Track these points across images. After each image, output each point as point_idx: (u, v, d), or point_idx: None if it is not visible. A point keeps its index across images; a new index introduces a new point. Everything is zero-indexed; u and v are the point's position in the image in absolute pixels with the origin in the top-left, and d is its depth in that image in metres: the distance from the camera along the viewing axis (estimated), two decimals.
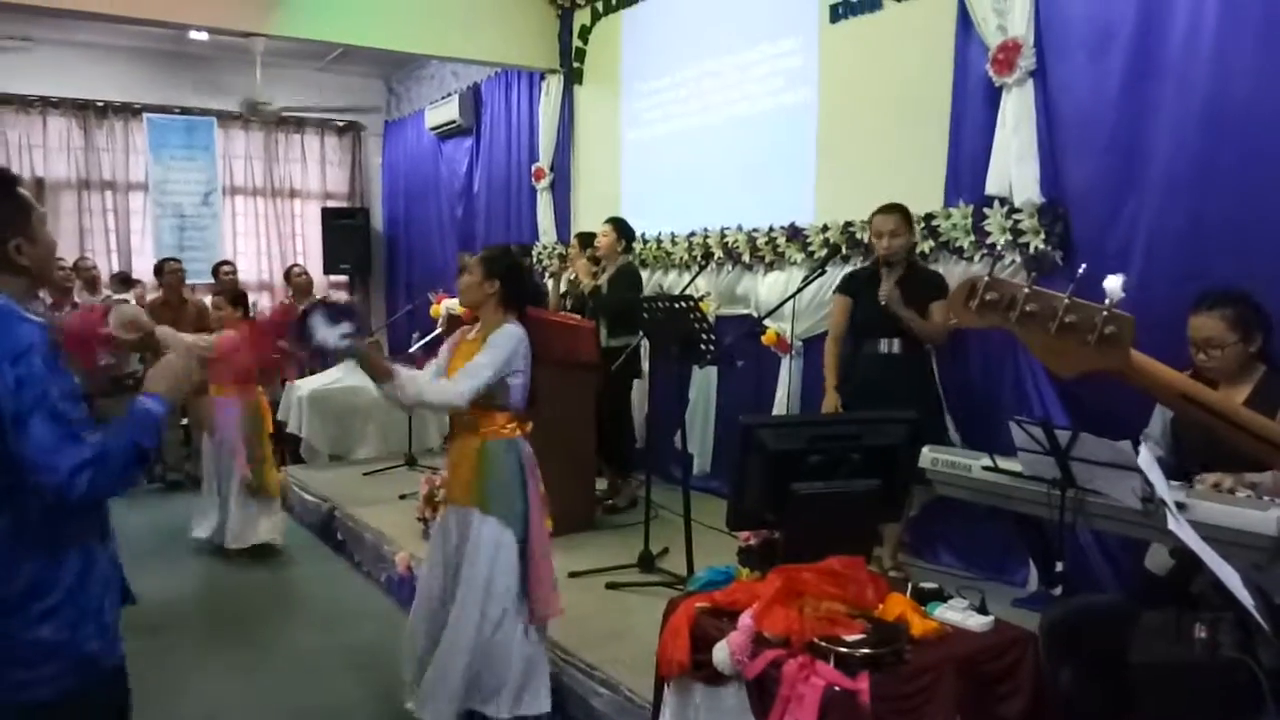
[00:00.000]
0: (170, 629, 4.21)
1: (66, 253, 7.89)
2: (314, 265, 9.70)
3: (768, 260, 5.40)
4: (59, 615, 1.77)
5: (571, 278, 5.66)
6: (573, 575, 4.18)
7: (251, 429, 5.40)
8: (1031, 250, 3.92)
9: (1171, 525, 1.95)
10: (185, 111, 9.65)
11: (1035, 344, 1.19)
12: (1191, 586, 2.32)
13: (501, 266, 3.14)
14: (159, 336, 2.37)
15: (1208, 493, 2.34)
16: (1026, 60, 3.95)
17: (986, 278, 1.21)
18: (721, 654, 2.24)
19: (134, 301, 7.49)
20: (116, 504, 1.95)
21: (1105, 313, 1.15)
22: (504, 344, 3.02)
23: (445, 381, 3.02)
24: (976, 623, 2.33)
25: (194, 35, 8.64)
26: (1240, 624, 2.02)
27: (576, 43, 7.27)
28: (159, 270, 7.53)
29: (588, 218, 7.05)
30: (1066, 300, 1.17)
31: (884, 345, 4.00)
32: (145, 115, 9.42)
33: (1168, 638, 2.14)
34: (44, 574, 1.77)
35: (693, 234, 5.98)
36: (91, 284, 7.56)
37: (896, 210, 4.01)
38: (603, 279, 5.39)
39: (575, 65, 7.31)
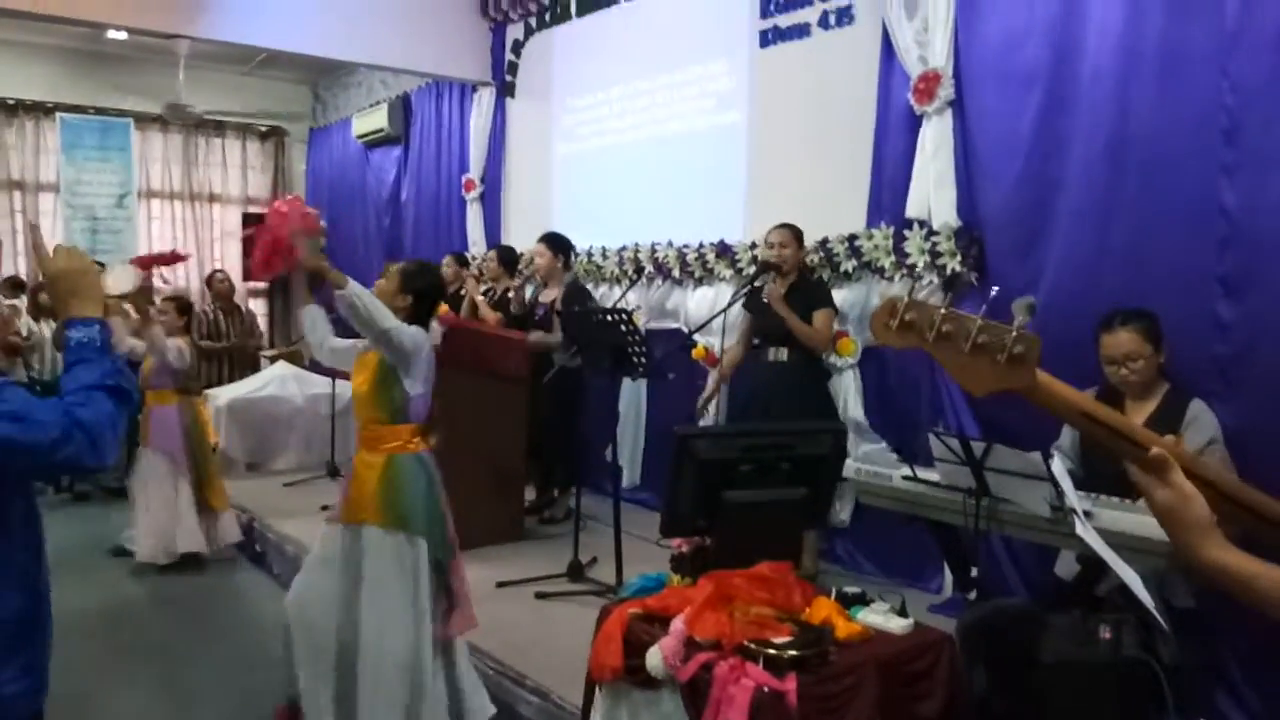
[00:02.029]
0: (83, 644, 4.08)
1: None
2: (234, 272, 9.47)
3: (697, 276, 5.50)
4: None
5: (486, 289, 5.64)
6: (501, 585, 4.19)
7: (195, 439, 5.30)
8: (948, 271, 4.09)
9: (1079, 531, 2.08)
10: (101, 112, 9.37)
11: (949, 363, 1.24)
12: (1097, 590, 2.46)
13: (419, 283, 3.13)
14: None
15: (1112, 501, 2.49)
16: (946, 91, 4.13)
17: (906, 299, 1.27)
18: (655, 658, 2.29)
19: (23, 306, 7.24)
20: None
21: (1014, 333, 1.21)
22: (415, 336, 3.01)
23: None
24: (898, 625, 2.43)
25: (111, 34, 8.40)
26: (1142, 625, 2.16)
27: (509, 56, 7.31)
28: None
29: (519, 230, 7.08)
30: (979, 321, 1.23)
31: (772, 354, 4.23)
32: (58, 114, 9.12)
33: (1075, 639, 2.27)
34: None
35: (624, 248, 6.05)
36: None
37: (787, 227, 4.31)
38: (552, 297, 5.33)
39: (508, 79, 7.34)
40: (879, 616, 2.45)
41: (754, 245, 5.12)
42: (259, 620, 4.62)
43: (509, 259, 5.99)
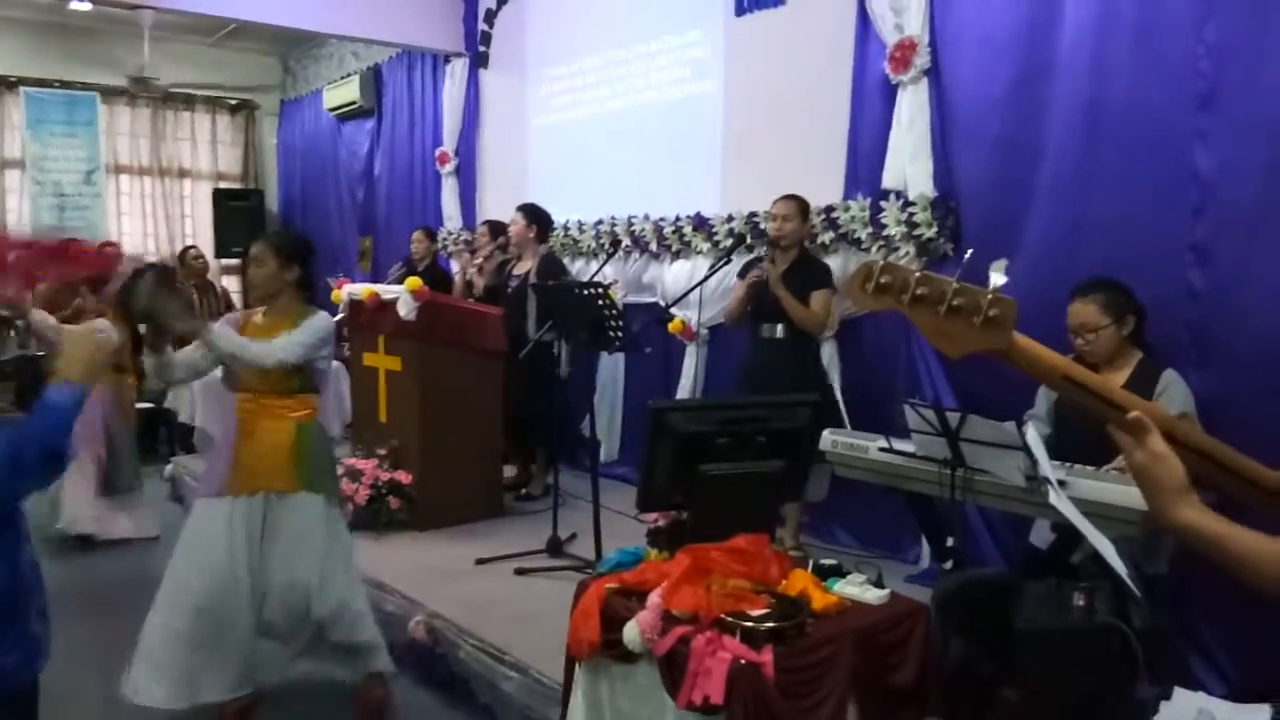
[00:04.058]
0: (75, 625, 4.02)
1: None
2: (205, 248, 9.33)
3: (674, 249, 5.47)
4: None
5: (477, 266, 5.61)
6: (480, 562, 4.18)
7: (117, 420, 5.22)
8: (924, 240, 4.08)
9: (1052, 500, 2.09)
10: (66, 86, 9.16)
11: (925, 325, 1.25)
12: (1071, 558, 2.48)
13: (298, 251, 3.14)
14: (35, 327, 2.10)
15: (1086, 470, 2.50)
16: (921, 59, 4.10)
17: (881, 262, 1.27)
18: (632, 632, 2.28)
19: None
20: None
21: (990, 296, 1.21)
22: (318, 331, 3.04)
23: (259, 344, 2.99)
24: (873, 596, 2.44)
25: (75, 6, 8.21)
26: (1115, 592, 2.18)
27: (482, 26, 7.20)
28: None
29: (494, 203, 7.01)
30: (955, 285, 1.23)
31: (767, 330, 4.18)
32: (22, 89, 8.91)
33: (1049, 606, 2.28)
34: None
35: (600, 222, 6.01)
36: None
37: (793, 199, 4.20)
38: (525, 269, 5.30)
39: (481, 49, 7.24)
40: (855, 588, 2.46)
41: (730, 218, 5.09)
42: None
43: (500, 233, 5.91)
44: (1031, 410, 3.05)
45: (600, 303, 4.00)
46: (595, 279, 4.76)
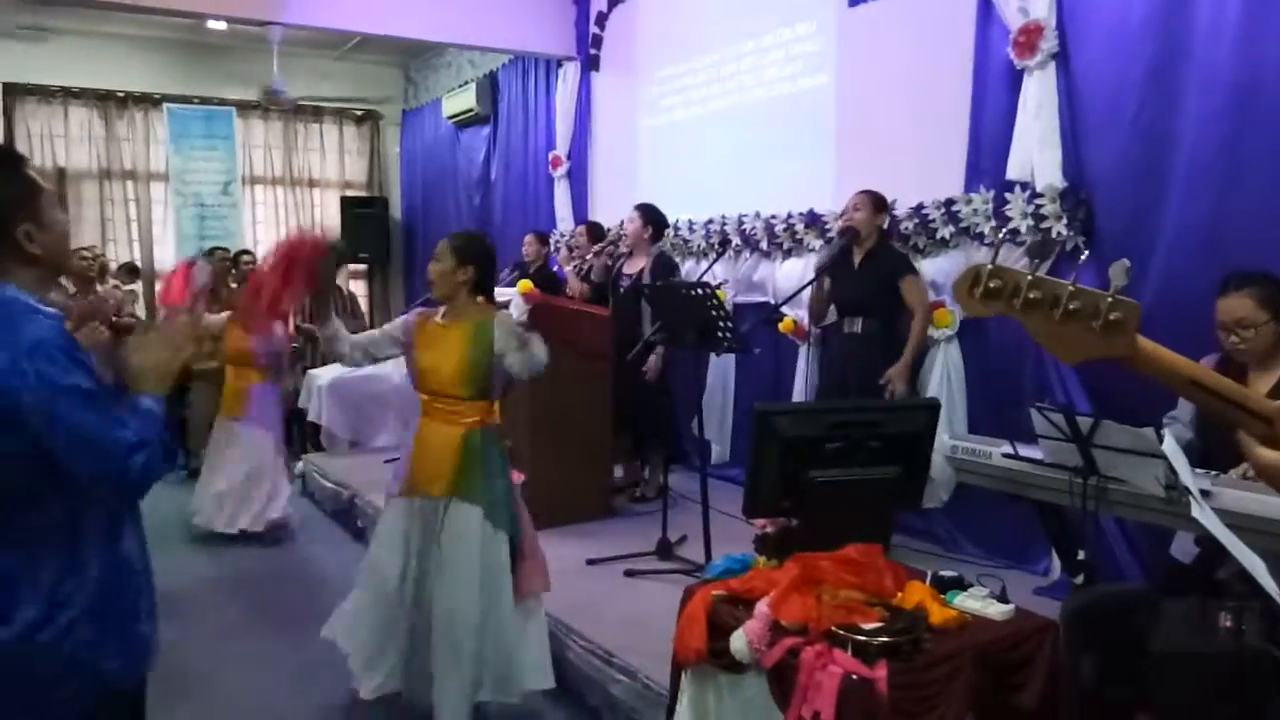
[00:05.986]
0: (192, 618, 4.23)
1: (88, 242, 7.94)
2: None
3: (785, 247, 5.37)
4: (78, 629, 1.61)
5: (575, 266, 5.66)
6: (590, 563, 4.19)
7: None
8: (1054, 235, 3.87)
9: (1195, 513, 1.92)
10: (205, 101, 9.68)
11: (1039, 331, 1.17)
12: (1217, 574, 2.29)
13: (473, 253, 3.09)
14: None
15: (1234, 480, 2.31)
16: (1049, 43, 3.89)
17: (989, 265, 1.18)
18: (739, 642, 2.23)
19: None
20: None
21: (1110, 299, 1.12)
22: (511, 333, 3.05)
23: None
24: (997, 611, 2.31)
25: (212, 25, 8.67)
26: (1266, 613, 2.00)
27: (593, 29, 7.25)
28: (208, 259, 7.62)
29: (605, 205, 7.04)
30: (1070, 287, 1.14)
31: (848, 325, 4.20)
32: (165, 105, 9.46)
33: (1191, 626, 2.12)
34: (63, 583, 1.60)
35: (710, 221, 5.95)
36: (99, 273, 7.60)
37: (866, 193, 4.25)
38: (638, 268, 5.30)
39: (592, 52, 7.28)
40: (977, 602, 2.34)
41: (843, 214, 4.95)
42: None
43: (599, 234, 6.00)
44: (1173, 413, 2.84)
45: (709, 303, 3.94)
46: (705, 279, 4.70)
